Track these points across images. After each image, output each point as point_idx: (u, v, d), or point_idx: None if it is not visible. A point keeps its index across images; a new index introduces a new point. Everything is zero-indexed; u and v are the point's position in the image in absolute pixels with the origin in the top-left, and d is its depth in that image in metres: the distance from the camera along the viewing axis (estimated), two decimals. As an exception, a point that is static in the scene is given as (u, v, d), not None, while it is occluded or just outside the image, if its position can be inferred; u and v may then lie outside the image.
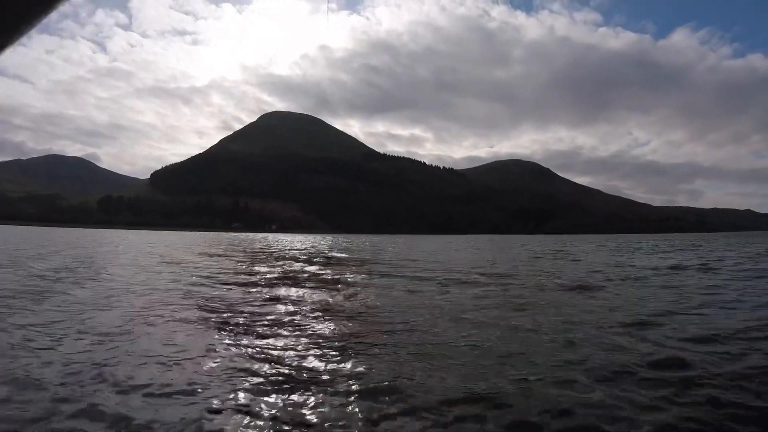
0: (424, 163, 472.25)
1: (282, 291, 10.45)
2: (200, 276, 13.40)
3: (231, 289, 10.75)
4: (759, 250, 30.00)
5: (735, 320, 7.01)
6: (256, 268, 16.59)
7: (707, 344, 5.51)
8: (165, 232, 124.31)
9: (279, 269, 16.31)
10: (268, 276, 13.90)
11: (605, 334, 6.03)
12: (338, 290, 10.65)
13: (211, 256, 23.87)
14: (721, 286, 11.30)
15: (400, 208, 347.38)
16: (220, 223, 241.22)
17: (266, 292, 10.10)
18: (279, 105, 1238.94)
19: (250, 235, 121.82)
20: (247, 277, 13.70)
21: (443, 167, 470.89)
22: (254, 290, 10.47)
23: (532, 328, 6.47)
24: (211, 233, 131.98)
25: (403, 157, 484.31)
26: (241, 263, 19.14)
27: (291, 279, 13.20)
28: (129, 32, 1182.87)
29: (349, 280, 13.04)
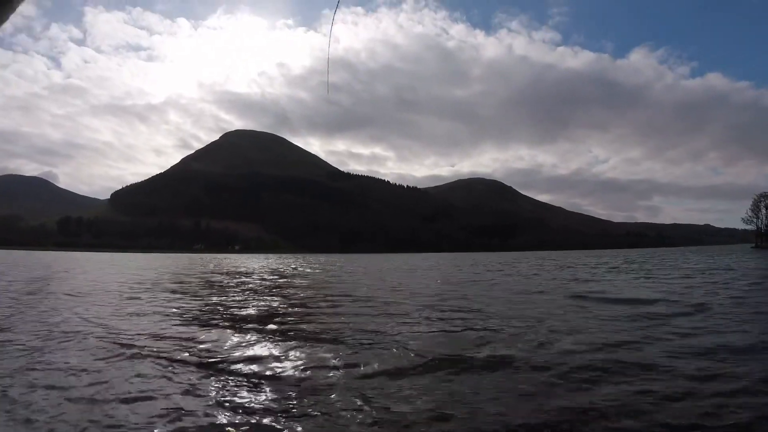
0: (388, 181, 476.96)
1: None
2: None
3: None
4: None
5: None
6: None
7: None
8: (128, 255, 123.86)
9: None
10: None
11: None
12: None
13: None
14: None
15: (365, 227, 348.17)
16: (182, 245, 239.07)
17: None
18: (237, 123, 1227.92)
19: (214, 255, 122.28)
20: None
21: (406, 186, 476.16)
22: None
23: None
24: (172, 255, 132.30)
25: (367, 176, 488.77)
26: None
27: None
28: (83, 47, 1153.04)
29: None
